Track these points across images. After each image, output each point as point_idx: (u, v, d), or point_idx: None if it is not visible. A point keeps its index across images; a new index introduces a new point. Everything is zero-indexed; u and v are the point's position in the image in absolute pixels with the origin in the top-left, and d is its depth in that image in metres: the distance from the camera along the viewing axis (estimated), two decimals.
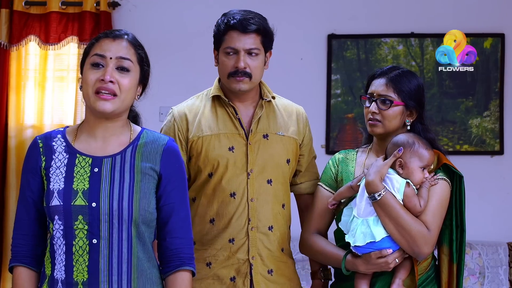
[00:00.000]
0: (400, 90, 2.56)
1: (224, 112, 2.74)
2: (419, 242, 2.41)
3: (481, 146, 4.66)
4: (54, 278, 2.16)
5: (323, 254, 2.62)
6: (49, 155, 2.21)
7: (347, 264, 2.50)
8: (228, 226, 2.67)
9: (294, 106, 2.86)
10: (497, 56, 4.67)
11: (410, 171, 2.45)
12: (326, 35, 4.76)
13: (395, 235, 2.41)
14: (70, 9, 4.81)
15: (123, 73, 2.20)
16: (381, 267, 2.43)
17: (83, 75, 2.22)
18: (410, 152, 2.45)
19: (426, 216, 2.44)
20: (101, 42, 2.21)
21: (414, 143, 2.46)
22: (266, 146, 2.72)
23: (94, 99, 2.17)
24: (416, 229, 2.41)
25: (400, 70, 2.60)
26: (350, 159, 2.68)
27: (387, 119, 2.56)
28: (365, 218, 2.44)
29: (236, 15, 2.67)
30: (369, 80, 2.65)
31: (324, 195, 2.67)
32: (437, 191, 2.48)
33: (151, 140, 2.27)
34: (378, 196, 2.40)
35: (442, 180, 2.50)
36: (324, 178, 2.70)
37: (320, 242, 2.64)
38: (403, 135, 2.52)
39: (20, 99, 4.83)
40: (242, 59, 2.64)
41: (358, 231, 2.43)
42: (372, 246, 2.42)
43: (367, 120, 2.61)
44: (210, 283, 2.68)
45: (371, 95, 2.59)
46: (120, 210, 2.15)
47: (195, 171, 2.73)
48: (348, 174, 2.64)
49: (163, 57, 4.63)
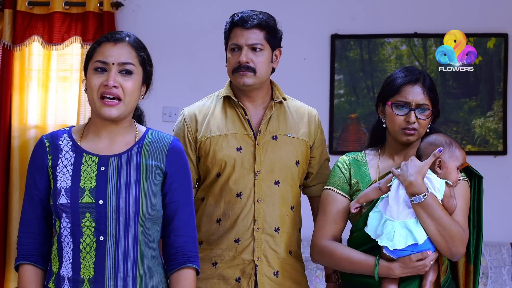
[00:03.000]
0: (434, 98, 2.52)
1: (233, 112, 2.75)
2: (458, 243, 2.38)
3: (485, 146, 4.66)
4: (61, 276, 2.18)
5: (349, 261, 2.47)
6: (56, 154, 2.24)
7: (381, 269, 2.39)
8: (234, 226, 2.68)
9: (306, 108, 2.86)
10: (501, 56, 4.67)
11: (448, 171, 2.42)
12: (329, 35, 4.76)
13: (436, 236, 2.36)
14: (73, 9, 4.81)
15: (126, 76, 2.22)
16: (418, 270, 2.37)
17: (87, 80, 2.24)
18: (449, 152, 2.43)
19: (459, 216, 2.42)
20: (102, 46, 2.22)
21: (451, 143, 2.45)
22: (274, 147, 2.72)
23: (100, 104, 2.20)
24: (456, 229, 2.37)
25: (429, 77, 2.55)
26: (361, 161, 2.62)
27: (422, 127, 2.51)
28: (403, 221, 2.38)
29: (241, 12, 2.70)
30: (399, 86, 2.51)
31: (337, 199, 2.58)
32: (463, 191, 2.47)
33: (156, 139, 2.29)
34: (424, 197, 2.35)
35: (464, 180, 2.49)
36: (335, 181, 2.60)
37: (342, 248, 2.51)
38: (437, 135, 2.49)
39: (23, 99, 4.83)
40: (244, 53, 2.65)
41: (397, 234, 2.36)
42: (414, 248, 2.36)
43: (400, 128, 2.50)
44: (215, 283, 2.68)
45: (407, 103, 2.49)
46: (126, 207, 2.17)
47: (204, 171, 2.74)
48: (364, 176, 2.58)
49: (166, 57, 4.63)
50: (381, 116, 2.60)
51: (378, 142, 2.66)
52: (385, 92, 2.56)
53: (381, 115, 2.60)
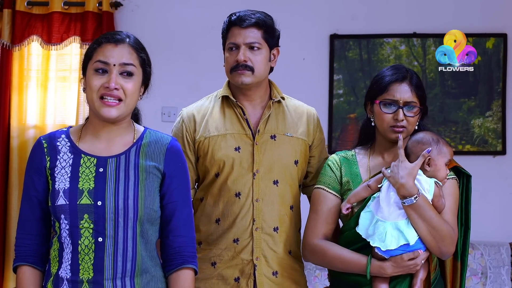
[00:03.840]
0: (421, 95, 2.53)
1: (232, 112, 2.75)
2: (447, 242, 2.40)
3: (484, 146, 4.66)
4: (59, 277, 2.17)
5: (340, 260, 2.49)
6: (54, 155, 2.23)
7: (373, 268, 2.41)
8: (232, 226, 2.68)
9: (305, 107, 2.85)
10: (500, 56, 4.67)
11: (437, 168, 2.42)
12: (328, 35, 4.76)
13: (426, 236, 2.37)
14: (72, 9, 4.81)
15: (127, 78, 2.21)
16: (409, 269, 2.39)
17: (86, 80, 2.23)
18: (437, 149, 2.43)
19: (448, 215, 2.43)
20: (103, 47, 2.21)
21: (438, 140, 2.45)
22: (273, 146, 2.72)
23: (99, 104, 2.19)
24: (446, 229, 2.39)
25: (416, 74, 2.56)
26: (352, 160, 2.63)
27: (411, 125, 2.51)
28: (394, 222, 2.38)
29: (239, 12, 2.71)
30: (387, 84, 2.52)
31: (328, 198, 2.59)
32: (452, 190, 2.48)
33: (155, 139, 2.29)
34: (415, 199, 2.35)
35: (453, 179, 2.51)
36: (326, 180, 2.62)
37: (333, 247, 2.52)
38: (424, 133, 2.49)
39: (22, 99, 4.83)
40: (242, 52, 2.65)
41: (388, 234, 2.36)
42: (405, 248, 2.37)
43: (389, 126, 2.51)
44: (215, 283, 2.68)
45: (395, 101, 2.50)
46: (125, 208, 2.17)
47: (203, 172, 2.74)
48: (354, 175, 2.59)
49: (165, 57, 4.63)
50: (370, 114, 2.61)
51: (367, 140, 2.67)
52: (373, 91, 2.57)
53: (369, 113, 2.62)
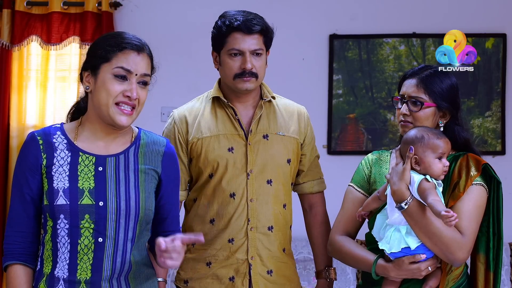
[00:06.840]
0: (432, 91, 2.47)
1: (223, 113, 2.74)
2: (453, 249, 2.31)
3: (483, 146, 4.65)
4: (55, 277, 2.15)
5: (352, 257, 2.51)
6: (50, 152, 2.18)
7: (378, 269, 2.40)
8: (227, 226, 2.68)
9: (295, 106, 2.85)
10: (499, 56, 4.67)
11: (427, 164, 2.34)
12: (327, 35, 4.76)
13: (428, 243, 2.32)
14: (71, 9, 4.81)
15: (143, 87, 2.21)
16: (412, 273, 2.34)
17: (103, 83, 2.16)
18: (422, 146, 2.35)
19: (462, 220, 2.33)
20: (126, 53, 2.17)
21: (423, 136, 2.37)
22: (266, 146, 2.72)
23: (115, 111, 2.16)
24: (449, 235, 2.31)
25: (432, 70, 2.52)
26: (384, 161, 2.59)
27: (418, 121, 2.47)
28: (398, 226, 2.36)
29: (238, 16, 2.66)
30: (401, 81, 2.55)
31: (355, 196, 2.57)
32: (474, 196, 2.39)
33: (151, 141, 2.29)
34: (405, 205, 2.31)
35: (479, 185, 2.40)
36: (356, 179, 2.60)
37: (349, 244, 2.54)
38: (412, 130, 2.43)
39: (22, 100, 4.83)
40: (248, 60, 2.64)
41: (393, 237, 2.35)
42: (407, 251, 2.34)
43: (398, 121, 2.52)
44: (209, 283, 2.68)
45: (402, 96, 2.51)
46: (127, 209, 2.16)
47: (196, 173, 2.74)
48: (382, 176, 2.55)
49: (164, 58, 4.55)
50: None
51: None
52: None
53: None
